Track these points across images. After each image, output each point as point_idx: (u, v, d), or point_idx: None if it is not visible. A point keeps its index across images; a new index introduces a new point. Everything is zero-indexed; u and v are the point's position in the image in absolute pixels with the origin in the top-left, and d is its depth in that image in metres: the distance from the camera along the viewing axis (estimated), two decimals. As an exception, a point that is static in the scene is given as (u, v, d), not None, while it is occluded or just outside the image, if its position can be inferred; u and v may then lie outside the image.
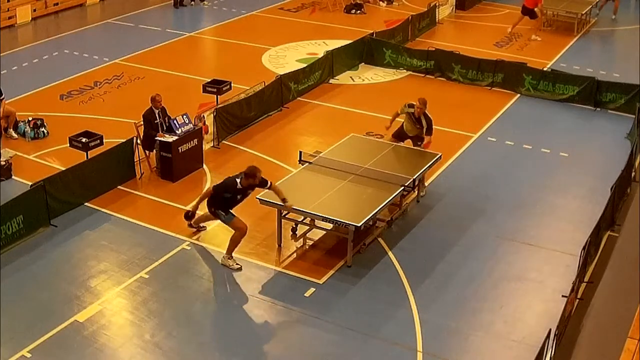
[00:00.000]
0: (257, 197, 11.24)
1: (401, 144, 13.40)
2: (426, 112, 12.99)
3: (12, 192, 12.06)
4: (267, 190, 11.09)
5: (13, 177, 13.34)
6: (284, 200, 10.96)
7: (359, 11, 24.40)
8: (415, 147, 13.27)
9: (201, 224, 11.90)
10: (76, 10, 24.61)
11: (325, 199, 11.32)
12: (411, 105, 13.08)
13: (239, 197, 11.00)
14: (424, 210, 12.60)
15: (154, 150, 13.59)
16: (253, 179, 10.81)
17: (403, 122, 13.38)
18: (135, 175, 13.44)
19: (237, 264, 11.06)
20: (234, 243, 11.08)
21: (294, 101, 16.91)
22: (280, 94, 16.51)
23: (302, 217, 11.48)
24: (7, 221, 11.27)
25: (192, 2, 25.17)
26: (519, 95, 17.42)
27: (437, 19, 23.00)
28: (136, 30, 22.56)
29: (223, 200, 10.96)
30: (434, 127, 13.06)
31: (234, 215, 11.04)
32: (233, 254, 11.11)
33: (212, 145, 14.68)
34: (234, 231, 11.07)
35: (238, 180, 10.83)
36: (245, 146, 14.78)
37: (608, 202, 11.62)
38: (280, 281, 10.81)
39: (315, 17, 23.95)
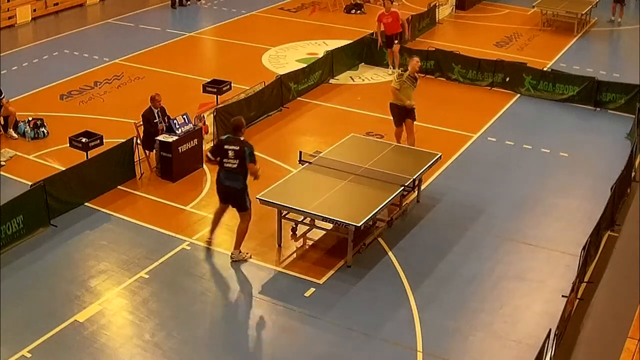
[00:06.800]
0: (257, 197, 11.21)
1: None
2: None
3: (12, 192, 12.05)
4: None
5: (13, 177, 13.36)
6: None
7: (359, 11, 24.39)
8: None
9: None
10: (76, 10, 24.60)
11: (325, 199, 11.32)
12: (401, 74, 13.64)
13: None
14: (424, 210, 12.60)
15: (154, 150, 13.60)
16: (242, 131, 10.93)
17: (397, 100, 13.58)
18: (135, 175, 13.43)
19: (247, 253, 11.11)
20: (243, 234, 11.06)
21: (294, 101, 16.90)
22: (280, 94, 16.50)
23: (302, 217, 11.47)
24: (7, 221, 11.26)
25: (189, 2, 25.16)
26: (519, 95, 17.41)
27: (437, 19, 22.98)
28: (136, 30, 22.56)
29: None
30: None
31: None
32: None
33: (212, 145, 14.67)
34: (242, 223, 10.99)
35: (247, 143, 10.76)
36: (245, 146, 14.76)
37: (608, 202, 11.61)
38: (280, 281, 10.80)
39: (315, 17, 23.94)
